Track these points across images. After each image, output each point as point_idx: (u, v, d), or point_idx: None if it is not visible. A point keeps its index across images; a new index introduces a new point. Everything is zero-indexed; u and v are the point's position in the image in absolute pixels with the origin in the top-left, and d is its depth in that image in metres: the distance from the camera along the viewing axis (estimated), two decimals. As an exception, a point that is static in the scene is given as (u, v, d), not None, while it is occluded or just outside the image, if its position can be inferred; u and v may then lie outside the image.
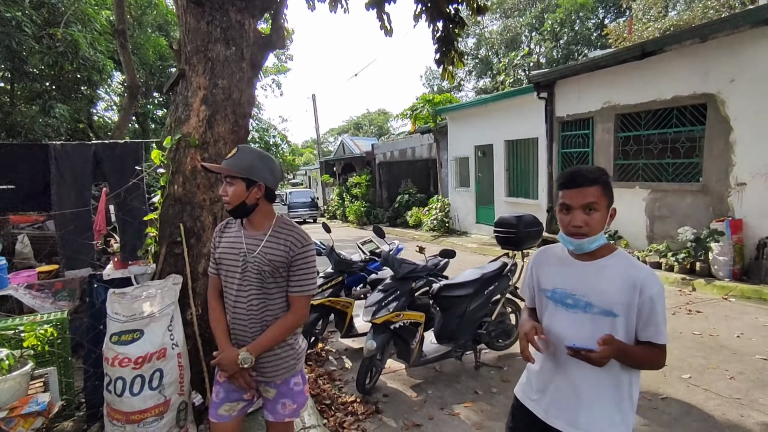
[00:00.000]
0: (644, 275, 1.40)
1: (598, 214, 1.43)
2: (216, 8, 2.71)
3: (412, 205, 15.82)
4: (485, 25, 34.30)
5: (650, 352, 1.42)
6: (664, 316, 1.39)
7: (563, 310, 1.52)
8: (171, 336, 2.41)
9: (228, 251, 1.84)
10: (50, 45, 8.05)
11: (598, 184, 1.43)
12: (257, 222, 1.84)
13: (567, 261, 1.55)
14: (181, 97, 2.81)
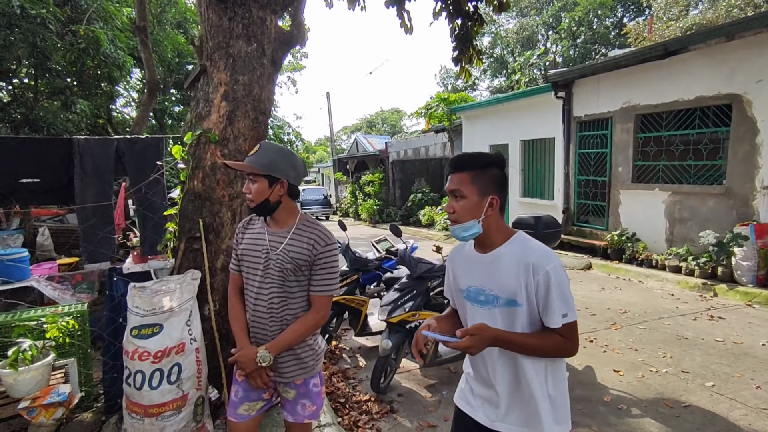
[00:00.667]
0: (536, 255, 1.35)
1: (464, 201, 1.40)
2: (238, 4, 2.71)
3: (425, 204, 15.76)
4: (501, 23, 34.02)
5: (545, 337, 1.35)
6: (563, 295, 1.32)
7: (479, 308, 1.46)
8: (189, 331, 2.42)
9: (250, 248, 1.83)
10: (72, 42, 8.18)
11: (466, 170, 1.41)
12: (281, 219, 1.82)
13: (473, 256, 1.51)
14: (202, 93, 2.82)
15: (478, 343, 1.30)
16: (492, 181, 1.40)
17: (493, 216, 1.41)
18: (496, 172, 1.42)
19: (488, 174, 1.40)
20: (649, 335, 4.46)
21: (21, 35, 7.80)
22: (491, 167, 1.42)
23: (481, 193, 1.39)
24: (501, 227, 1.44)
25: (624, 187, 7.77)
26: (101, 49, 8.36)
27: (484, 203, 1.39)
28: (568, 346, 1.36)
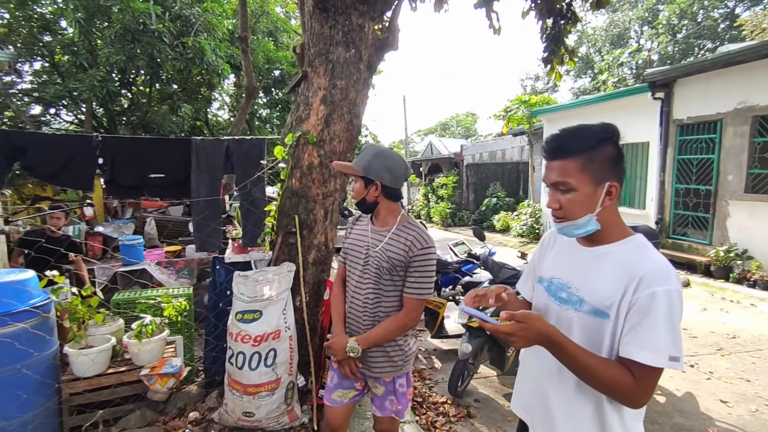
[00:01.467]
0: (649, 268, 1.04)
1: (573, 194, 1.12)
2: (339, 13, 2.85)
3: (500, 209, 15.36)
4: (588, 20, 32.15)
5: (610, 366, 1.04)
6: (663, 330, 1.00)
7: (556, 305, 1.23)
8: (284, 319, 2.60)
9: (354, 243, 1.93)
10: (182, 52, 9.06)
11: (571, 156, 1.11)
12: (381, 218, 1.91)
13: (573, 246, 1.25)
14: (302, 97, 3.01)
15: (524, 333, 1.06)
16: (608, 163, 1.11)
17: (611, 207, 1.15)
18: (611, 150, 1.13)
19: (601, 154, 1.11)
20: (765, 365, 3.97)
21: (142, 48, 8.80)
22: (604, 144, 1.12)
23: (594, 181, 1.11)
24: (618, 221, 1.17)
25: (735, 197, 6.97)
26: (205, 58, 9.18)
27: (600, 193, 1.11)
28: (634, 392, 1.03)
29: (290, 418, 2.64)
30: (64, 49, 9.69)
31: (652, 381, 1.03)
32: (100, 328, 2.81)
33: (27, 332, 2.29)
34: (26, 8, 9.01)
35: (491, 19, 5.20)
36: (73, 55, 9.10)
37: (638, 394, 1.04)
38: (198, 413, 2.81)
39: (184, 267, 5.64)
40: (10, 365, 2.21)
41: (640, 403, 1.07)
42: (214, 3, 9.77)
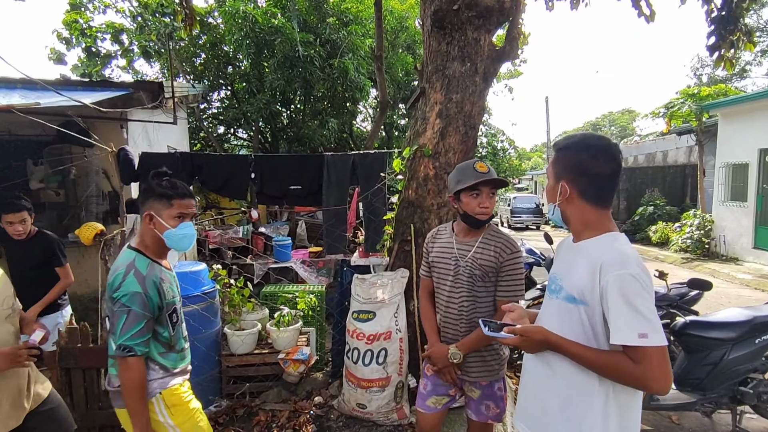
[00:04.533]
0: (608, 257, 1.18)
1: (548, 182, 1.40)
2: (455, 29, 2.95)
3: (658, 219, 13.44)
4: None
5: (606, 355, 1.16)
6: (631, 309, 1.10)
7: (548, 296, 1.41)
8: (396, 322, 2.78)
9: (441, 256, 2.02)
10: (329, 73, 10.12)
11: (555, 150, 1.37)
12: (468, 230, 1.98)
13: (568, 243, 1.42)
14: (420, 112, 3.18)
15: (527, 344, 1.30)
16: (566, 166, 1.31)
17: (569, 204, 1.31)
18: (572, 157, 1.30)
19: (564, 157, 1.32)
20: None
21: (297, 72, 10.09)
22: (568, 150, 1.32)
23: (556, 177, 1.35)
24: (586, 219, 1.30)
25: None
26: (348, 76, 10.09)
27: (557, 188, 1.33)
28: (640, 373, 1.10)
29: (399, 416, 2.81)
30: (240, 79, 11.66)
31: (653, 361, 1.10)
32: (251, 315, 3.38)
33: (199, 313, 2.90)
34: (216, 49, 11.09)
35: (640, 7, 4.72)
36: (246, 83, 10.90)
37: (646, 376, 1.11)
38: (322, 398, 3.17)
39: (323, 267, 6.33)
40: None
41: (656, 387, 1.12)
42: (357, 26, 10.69)
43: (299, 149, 12.67)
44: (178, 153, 3.10)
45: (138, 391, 1.62)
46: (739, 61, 29.08)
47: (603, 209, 1.30)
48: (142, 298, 1.62)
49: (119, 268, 1.66)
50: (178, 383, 1.80)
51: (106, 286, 1.68)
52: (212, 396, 2.99)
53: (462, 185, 1.90)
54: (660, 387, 1.13)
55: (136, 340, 1.59)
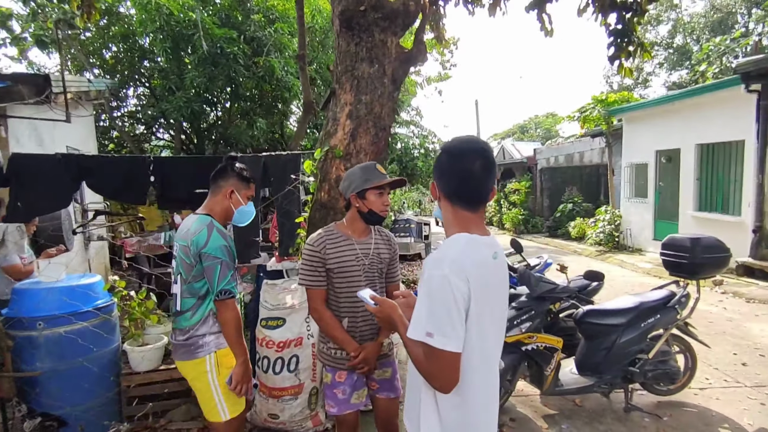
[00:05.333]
0: (428, 258, 1.27)
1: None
2: (363, 30, 2.95)
3: (576, 215, 14.47)
4: (685, 7, 29.23)
5: (414, 344, 1.18)
6: (421, 308, 1.17)
7: None
8: (308, 327, 2.72)
9: (345, 259, 1.99)
10: (255, 72, 9.79)
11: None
12: (359, 228, 2.07)
13: None
14: (331, 113, 3.15)
15: (381, 315, 1.42)
16: (435, 167, 1.34)
17: (440, 204, 1.33)
18: (439, 158, 1.33)
19: (436, 158, 1.35)
20: None
21: (220, 70, 9.66)
22: (439, 152, 1.36)
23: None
24: (447, 219, 1.32)
25: None
26: (275, 75, 9.82)
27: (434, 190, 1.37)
28: (426, 369, 1.16)
29: (314, 423, 2.76)
30: (158, 75, 10.94)
31: (433, 361, 1.13)
32: (156, 328, 3.15)
33: (90, 330, 2.65)
34: (129, 41, 10.31)
35: (543, 21, 5.01)
36: (165, 80, 10.26)
37: (429, 373, 1.16)
38: (235, 410, 3.03)
39: (247, 273, 6.08)
40: (73, 359, 2.58)
41: (436, 385, 1.16)
42: (284, 24, 10.44)
43: (226, 150, 12.15)
44: (60, 155, 2.79)
45: (239, 327, 1.95)
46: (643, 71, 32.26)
47: (465, 210, 1.27)
48: (228, 250, 1.94)
49: (201, 229, 1.93)
50: (228, 347, 1.98)
51: (190, 244, 1.91)
52: (108, 421, 2.75)
53: (370, 183, 1.96)
54: (439, 386, 1.16)
55: (232, 284, 1.91)
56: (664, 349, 3.34)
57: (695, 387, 3.65)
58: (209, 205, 2.08)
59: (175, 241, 2.06)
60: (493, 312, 1.24)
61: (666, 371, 3.34)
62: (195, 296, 1.96)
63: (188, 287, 1.95)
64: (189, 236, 1.94)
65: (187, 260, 1.93)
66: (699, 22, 26.87)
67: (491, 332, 1.25)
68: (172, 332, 2.06)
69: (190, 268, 1.93)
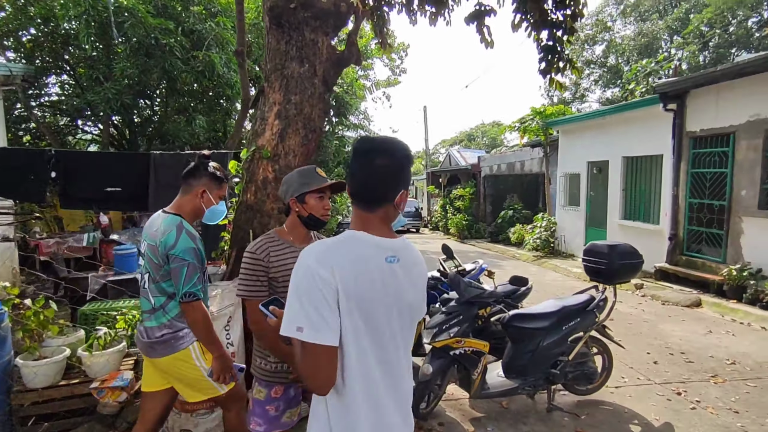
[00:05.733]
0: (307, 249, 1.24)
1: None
2: (293, 28, 2.87)
3: (516, 222, 15.04)
4: (617, 30, 31.47)
5: (295, 347, 1.17)
6: (290, 301, 1.13)
7: None
8: (227, 335, 2.58)
9: (290, 267, 1.86)
10: (193, 65, 9.34)
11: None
12: (303, 234, 1.99)
13: None
14: (260, 112, 3.03)
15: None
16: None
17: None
18: (350, 157, 1.31)
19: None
20: (760, 396, 3.69)
21: (155, 62, 9.12)
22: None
23: None
24: (352, 220, 1.33)
25: (748, 213, 6.58)
26: (216, 71, 9.42)
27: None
28: (301, 368, 1.12)
29: (232, 436, 2.61)
30: (84, 63, 10.16)
31: (310, 358, 1.09)
32: (56, 339, 2.86)
33: (-28, 342, 2.34)
34: (50, 24, 9.49)
35: (483, 33, 5.15)
36: (91, 69, 9.54)
37: (305, 374, 1.12)
38: (147, 427, 2.81)
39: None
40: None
41: (310, 386, 1.16)
42: (226, 18, 10.05)
43: (162, 147, 11.50)
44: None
45: (208, 326, 2.00)
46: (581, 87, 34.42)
47: (362, 209, 1.23)
48: (196, 252, 1.96)
49: (170, 230, 1.94)
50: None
51: (158, 245, 1.93)
52: (-6, 443, 2.45)
53: (309, 187, 1.89)
54: (315, 386, 1.12)
55: (197, 286, 1.93)
56: (583, 351, 3.50)
57: (612, 386, 3.86)
58: (179, 204, 2.09)
59: (142, 239, 2.07)
60: (384, 313, 1.18)
61: (585, 372, 3.51)
62: (165, 295, 2.00)
63: (157, 286, 1.99)
64: (158, 236, 1.95)
65: (155, 260, 1.96)
66: (629, 45, 28.98)
67: (384, 334, 1.18)
68: (144, 331, 2.05)
69: (159, 267, 1.96)
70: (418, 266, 1.29)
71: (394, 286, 1.20)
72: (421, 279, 1.30)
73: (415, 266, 1.28)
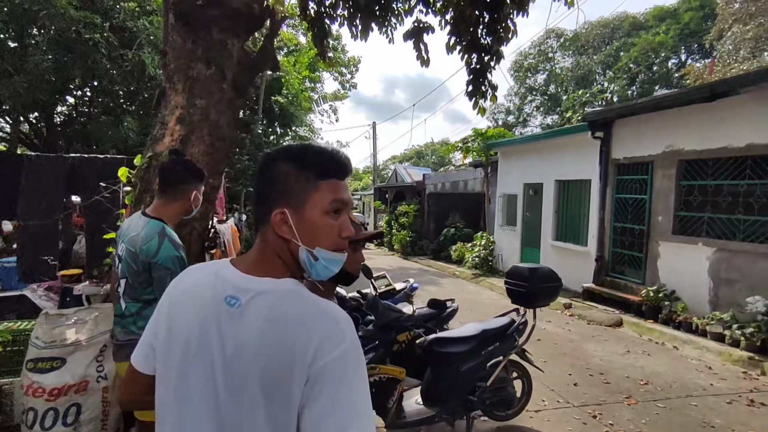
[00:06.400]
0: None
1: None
2: (201, 27, 2.64)
3: (458, 240, 15.26)
4: (557, 61, 33.54)
5: None
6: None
7: None
8: (99, 368, 2.24)
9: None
10: (121, 64, 8.73)
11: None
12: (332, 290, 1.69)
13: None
14: (160, 115, 2.75)
15: None
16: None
17: None
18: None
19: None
20: (668, 417, 3.80)
21: (77, 57, 8.43)
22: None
23: None
24: None
25: (663, 238, 7.00)
26: (146, 72, 8.86)
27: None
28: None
29: (102, 484, 2.26)
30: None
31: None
32: None
33: None
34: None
35: (420, 50, 5.15)
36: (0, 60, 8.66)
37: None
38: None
39: (80, 293, 5.16)
40: None
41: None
42: (162, 18, 9.56)
43: (85, 149, 10.61)
44: None
45: None
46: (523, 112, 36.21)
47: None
48: (180, 260, 1.89)
49: (151, 237, 1.89)
50: None
51: (138, 252, 1.88)
52: None
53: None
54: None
55: None
56: (502, 376, 3.43)
57: (532, 410, 3.83)
58: (163, 208, 2.01)
59: (120, 241, 2.02)
60: (189, 369, 0.91)
61: (503, 398, 3.44)
62: (140, 301, 1.94)
63: (133, 292, 1.93)
64: (138, 242, 1.91)
65: (134, 266, 1.91)
66: (567, 75, 30.92)
67: (190, 399, 0.91)
68: (114, 334, 2.00)
69: (137, 274, 1.91)
70: (275, 324, 0.87)
71: (223, 337, 0.89)
72: (278, 342, 0.86)
73: (270, 323, 0.87)
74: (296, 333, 0.85)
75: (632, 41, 26.14)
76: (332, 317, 0.89)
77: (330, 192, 0.93)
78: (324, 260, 0.93)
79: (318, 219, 0.92)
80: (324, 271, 0.95)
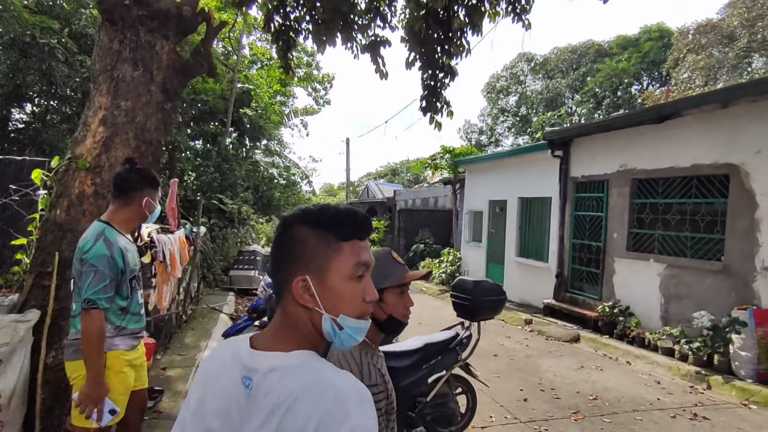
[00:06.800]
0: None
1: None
2: (128, 27, 2.56)
3: (427, 256, 15.30)
4: (528, 84, 34.64)
5: None
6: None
7: None
8: (-8, 383, 2.07)
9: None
10: (78, 71, 8.49)
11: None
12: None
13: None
14: (83, 116, 2.63)
15: None
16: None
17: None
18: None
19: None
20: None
21: (32, 62, 8.16)
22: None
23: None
24: None
25: (618, 254, 7.16)
26: (104, 80, 8.62)
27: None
28: None
29: None
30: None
31: None
32: None
33: None
34: None
35: (377, 63, 5.18)
36: (-54, 62, 8.31)
37: None
38: None
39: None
40: None
41: None
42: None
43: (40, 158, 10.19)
44: None
45: (97, 340, 1.88)
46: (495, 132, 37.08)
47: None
48: (108, 260, 1.93)
49: (89, 236, 1.97)
50: (124, 350, 2.04)
51: (77, 251, 1.96)
52: None
53: (389, 281, 1.43)
54: None
55: (100, 295, 1.89)
56: (444, 391, 3.36)
57: (478, 425, 3.77)
58: (114, 214, 2.08)
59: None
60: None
61: (444, 414, 3.36)
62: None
63: (77, 291, 1.95)
64: (80, 242, 1.98)
65: (77, 265, 1.96)
66: (537, 98, 31.92)
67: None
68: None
69: (79, 273, 1.95)
70: (281, 403, 0.80)
71: (242, 419, 0.84)
72: (281, 422, 0.80)
73: (276, 401, 0.81)
74: (296, 411, 0.79)
75: (597, 67, 27.28)
76: (339, 392, 0.80)
77: (353, 255, 0.88)
78: (349, 329, 0.87)
79: (341, 284, 0.87)
80: (348, 341, 0.88)
